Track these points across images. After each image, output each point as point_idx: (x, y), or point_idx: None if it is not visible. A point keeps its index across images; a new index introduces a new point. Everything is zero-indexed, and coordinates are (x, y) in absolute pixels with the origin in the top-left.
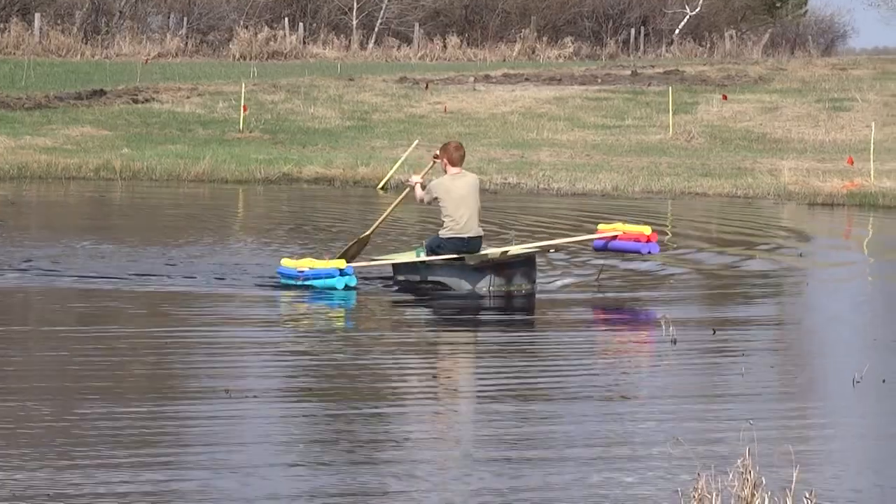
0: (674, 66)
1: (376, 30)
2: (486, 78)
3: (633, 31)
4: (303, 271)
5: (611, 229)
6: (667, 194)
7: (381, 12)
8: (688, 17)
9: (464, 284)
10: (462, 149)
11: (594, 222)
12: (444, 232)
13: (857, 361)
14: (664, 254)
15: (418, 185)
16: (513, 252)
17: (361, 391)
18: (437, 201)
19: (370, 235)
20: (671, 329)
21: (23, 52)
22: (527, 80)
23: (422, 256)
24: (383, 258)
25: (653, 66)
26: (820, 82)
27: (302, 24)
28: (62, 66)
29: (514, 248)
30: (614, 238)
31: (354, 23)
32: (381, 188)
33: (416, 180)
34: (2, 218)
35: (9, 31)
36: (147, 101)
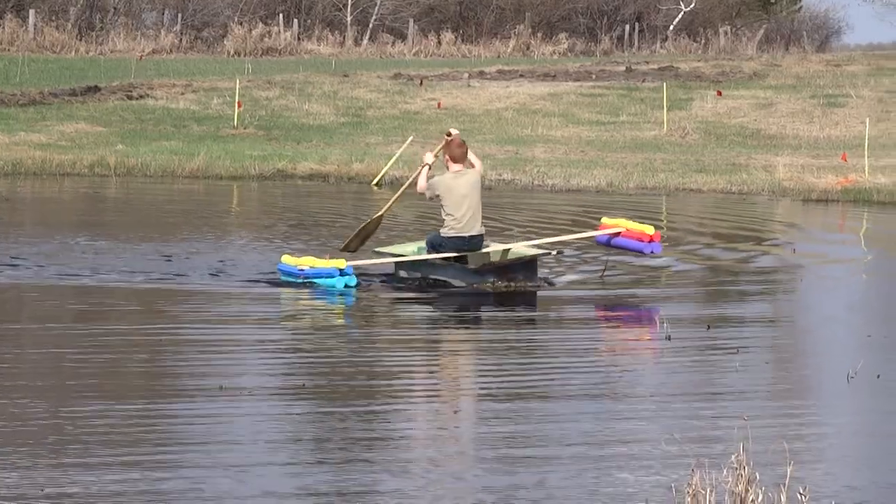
0: (668, 62)
1: (371, 26)
2: (481, 74)
3: (627, 27)
4: (303, 270)
5: (614, 224)
6: (661, 190)
7: (376, 8)
8: (682, 13)
9: (465, 282)
10: (465, 146)
11: (589, 219)
12: (446, 230)
13: (852, 357)
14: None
15: (424, 168)
16: (516, 249)
17: (357, 389)
18: (437, 198)
19: (382, 216)
20: (666, 325)
21: (17, 48)
22: (521, 76)
23: (423, 254)
24: (384, 250)
25: (647, 63)
26: (814, 78)
27: (296, 20)
28: (56, 63)
29: (516, 245)
30: (617, 235)
31: (349, 19)
32: (376, 184)
33: (429, 159)
34: None
35: (3, 27)
36: (141, 97)
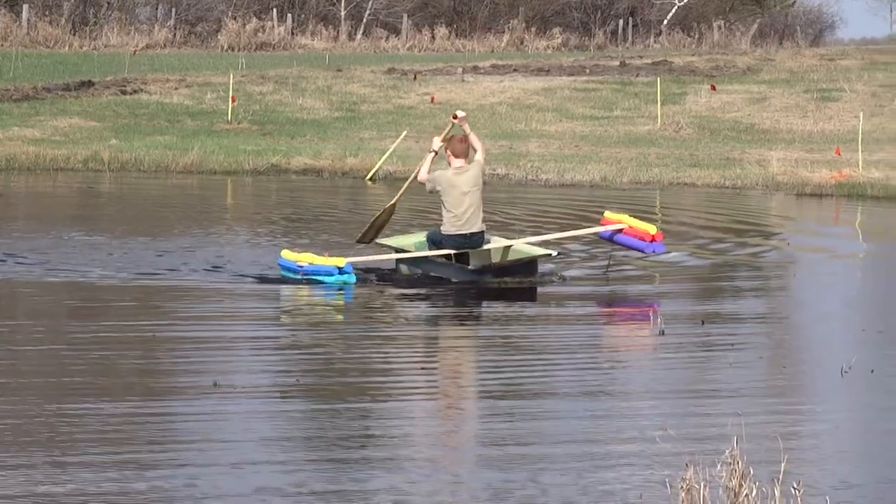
0: (662, 56)
1: (364, 21)
2: (475, 69)
3: (621, 21)
4: (302, 266)
5: (617, 219)
6: (655, 185)
7: (370, 3)
8: (676, 7)
9: (466, 280)
10: (467, 141)
11: (586, 214)
12: (446, 228)
13: (846, 351)
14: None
15: (430, 156)
16: (517, 246)
17: (352, 386)
18: (437, 193)
19: (395, 206)
20: (660, 321)
21: (10, 43)
22: (515, 70)
23: (424, 249)
24: (385, 242)
25: (641, 57)
26: (808, 73)
27: (290, 15)
28: (50, 58)
29: (517, 242)
30: (620, 231)
31: (343, 14)
32: (370, 179)
33: (437, 144)
34: None
35: None
36: (135, 92)
